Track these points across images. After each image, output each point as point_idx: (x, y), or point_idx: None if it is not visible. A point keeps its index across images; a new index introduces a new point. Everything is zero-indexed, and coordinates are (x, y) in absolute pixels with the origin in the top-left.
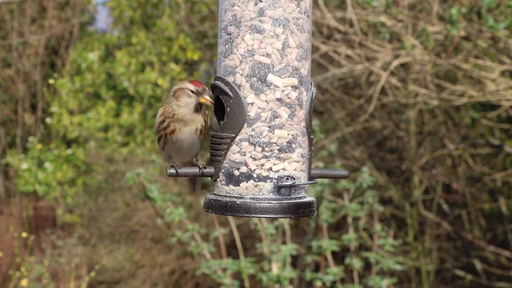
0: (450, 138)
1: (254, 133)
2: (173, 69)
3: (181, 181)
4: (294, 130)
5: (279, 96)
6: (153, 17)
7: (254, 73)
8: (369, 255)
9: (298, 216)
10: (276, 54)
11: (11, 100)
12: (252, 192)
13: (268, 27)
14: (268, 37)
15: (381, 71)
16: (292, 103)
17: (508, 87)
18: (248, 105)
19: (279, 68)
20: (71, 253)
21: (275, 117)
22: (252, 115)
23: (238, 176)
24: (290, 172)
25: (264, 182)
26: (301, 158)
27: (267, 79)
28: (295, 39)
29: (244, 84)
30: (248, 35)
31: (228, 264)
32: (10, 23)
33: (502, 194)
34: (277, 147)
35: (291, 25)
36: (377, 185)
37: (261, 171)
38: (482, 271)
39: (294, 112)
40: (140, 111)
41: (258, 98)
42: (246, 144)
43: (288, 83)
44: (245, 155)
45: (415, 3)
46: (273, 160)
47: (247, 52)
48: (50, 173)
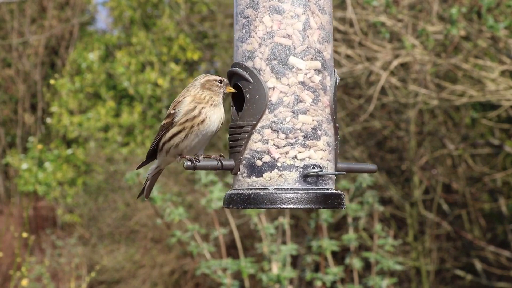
0: (450, 138)
1: (276, 119)
2: (173, 69)
3: (181, 181)
4: (319, 116)
5: (302, 79)
6: (153, 17)
7: (275, 56)
8: (369, 255)
9: (327, 208)
10: (297, 35)
11: (11, 100)
12: (276, 182)
13: (287, 7)
14: (288, 18)
15: (381, 71)
16: (316, 87)
17: (508, 87)
18: (269, 90)
19: (301, 50)
20: (71, 253)
21: (299, 102)
22: (273, 100)
23: (261, 166)
24: (316, 161)
25: (289, 171)
26: (328, 147)
27: (288, 61)
28: (316, 20)
29: (264, 68)
30: (267, 16)
31: (228, 264)
32: (10, 23)
33: (502, 194)
34: (301, 133)
35: (312, 5)
36: (377, 185)
37: (285, 160)
38: (482, 271)
39: (318, 97)
40: (140, 111)
41: (279, 82)
42: (268, 131)
43: (311, 66)
44: (267, 143)
45: (415, 3)
46: (298, 148)
47: (266, 34)
48: (50, 173)
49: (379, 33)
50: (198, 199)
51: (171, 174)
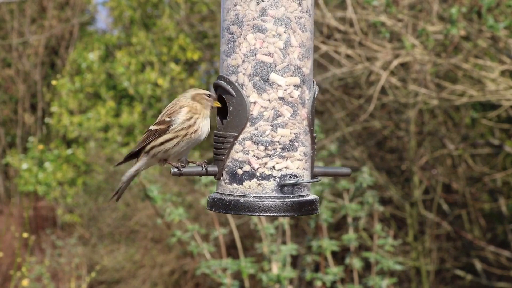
0: (450, 138)
1: (257, 132)
2: (173, 69)
3: (181, 181)
4: (297, 128)
5: (282, 95)
6: (153, 17)
7: (257, 72)
8: (369, 255)
9: (301, 215)
10: (278, 53)
11: (11, 100)
12: (255, 191)
13: (270, 26)
14: (270, 36)
15: (381, 71)
16: (295, 102)
17: (508, 87)
18: (251, 104)
19: (282, 67)
20: (71, 253)
21: (278, 116)
22: (255, 114)
23: (241, 175)
24: (293, 170)
25: (267, 180)
26: (304, 156)
27: (269, 78)
28: (297, 38)
29: (247, 83)
30: (251, 34)
31: (228, 264)
32: (10, 23)
33: (502, 194)
34: (280, 145)
35: (293, 24)
36: (377, 185)
37: (264, 170)
38: (482, 271)
39: (297, 110)
40: (140, 111)
41: (260, 97)
42: (249, 143)
43: (291, 82)
44: (248, 154)
45: (415, 2)
46: (276, 159)
47: (249, 51)
48: (50, 173)
49: (379, 33)
50: (198, 199)
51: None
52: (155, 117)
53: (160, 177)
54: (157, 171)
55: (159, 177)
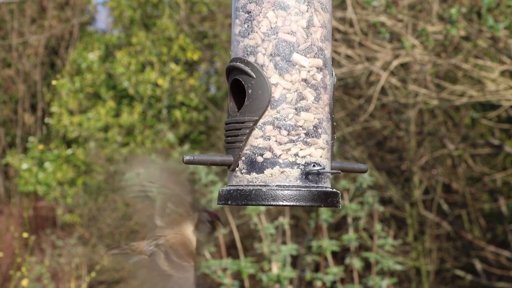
0: (450, 138)
1: (279, 116)
2: (173, 69)
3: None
4: (320, 114)
5: (305, 76)
6: (153, 17)
7: (278, 52)
8: (369, 255)
9: (327, 206)
10: (301, 32)
11: (11, 100)
12: (278, 179)
13: (292, 4)
14: (293, 14)
15: (381, 71)
16: (318, 85)
17: (508, 87)
18: (272, 86)
19: (305, 47)
20: (71, 253)
21: (301, 99)
22: (276, 96)
23: (261, 163)
24: (316, 158)
25: (291, 168)
26: (326, 145)
27: (292, 58)
28: (319, 18)
29: (268, 64)
30: (271, 12)
31: (228, 264)
32: (10, 23)
33: (502, 194)
34: (303, 130)
35: (315, 3)
36: (377, 185)
37: (287, 157)
38: (482, 271)
39: (320, 95)
40: (140, 111)
41: (283, 78)
42: (270, 127)
43: (314, 64)
44: (269, 139)
45: (415, 3)
46: (300, 145)
47: (270, 30)
48: (50, 173)
49: (379, 33)
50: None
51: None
52: (155, 117)
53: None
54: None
55: None
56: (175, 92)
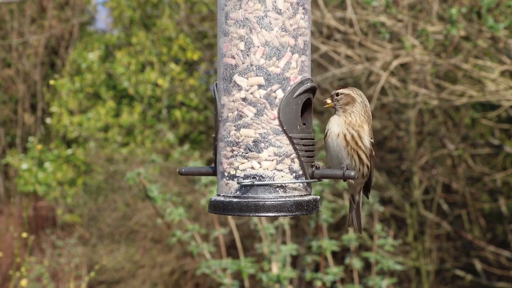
0: (450, 138)
1: (225, 133)
2: (173, 69)
3: (181, 181)
4: (262, 129)
5: (244, 95)
6: (153, 17)
7: (225, 75)
8: (369, 255)
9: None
10: (239, 54)
11: (11, 100)
12: (224, 190)
13: (232, 29)
14: (233, 39)
15: (381, 71)
16: (258, 101)
17: (508, 87)
18: (222, 106)
19: (243, 68)
20: (71, 253)
21: (241, 117)
22: (224, 116)
23: (219, 175)
24: (258, 171)
25: (232, 180)
26: (275, 157)
27: (232, 79)
28: (259, 37)
29: (220, 87)
30: (221, 39)
31: (228, 264)
32: (10, 23)
33: (502, 194)
34: (243, 146)
35: (254, 25)
36: (377, 185)
37: (230, 170)
38: (482, 271)
39: (263, 110)
40: (140, 111)
41: (227, 99)
42: (222, 144)
43: (253, 82)
44: (221, 154)
45: (415, 3)
46: (240, 159)
47: (220, 55)
48: (50, 173)
49: (379, 33)
50: (198, 199)
51: (171, 174)
52: (155, 117)
53: (160, 177)
54: (157, 171)
55: (159, 177)
56: (175, 92)
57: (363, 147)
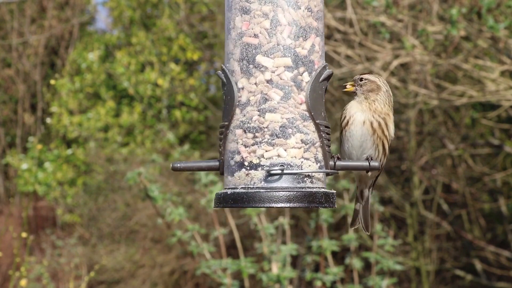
0: (450, 138)
1: (245, 119)
2: (173, 69)
3: (181, 181)
4: (290, 113)
5: (269, 77)
6: (153, 17)
7: (243, 56)
8: (369, 255)
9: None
10: (263, 33)
11: (11, 100)
12: (244, 182)
13: (255, 7)
14: (255, 17)
15: (381, 71)
16: (286, 84)
17: (508, 87)
18: (239, 90)
19: (268, 48)
20: (71, 253)
21: (266, 100)
22: (243, 100)
23: (233, 166)
24: (286, 159)
25: (255, 170)
26: (303, 144)
27: (255, 60)
28: (286, 16)
29: (236, 69)
30: (238, 17)
31: (228, 264)
32: (10, 23)
33: (502, 194)
34: (268, 131)
35: (280, 2)
36: (377, 185)
37: (252, 159)
38: (482, 271)
39: (290, 94)
40: (140, 111)
41: (247, 81)
42: (239, 131)
43: (280, 63)
44: (238, 142)
45: (415, 3)
46: (265, 146)
47: (237, 35)
48: (50, 173)
49: (379, 33)
50: (198, 199)
51: (171, 174)
52: (155, 117)
53: (160, 177)
54: (157, 171)
55: (159, 177)
56: (175, 92)
57: (388, 136)
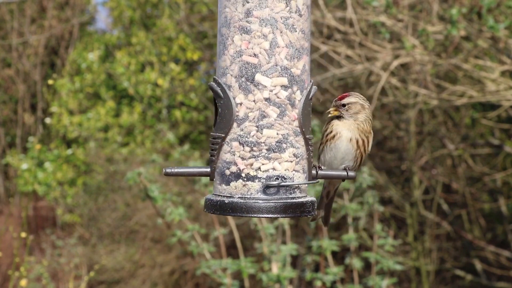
0: (450, 138)
1: (242, 133)
2: (173, 69)
3: (181, 181)
4: (285, 129)
5: (267, 95)
6: (153, 17)
7: (242, 74)
8: (369, 255)
9: (287, 216)
10: (263, 54)
11: (11, 100)
12: (241, 192)
13: (255, 28)
14: (255, 37)
15: (381, 71)
16: (282, 102)
17: (508, 87)
18: (237, 105)
19: (267, 68)
20: (71, 253)
21: (263, 117)
22: (241, 115)
23: (228, 176)
24: (280, 172)
25: (252, 181)
26: (294, 158)
27: (255, 79)
28: (284, 38)
29: (234, 85)
30: (237, 35)
31: (228, 264)
32: (10, 23)
33: (502, 194)
34: (265, 146)
35: (279, 25)
36: (377, 185)
37: (249, 171)
38: (482, 271)
39: (285, 111)
40: (140, 111)
41: (246, 98)
42: (236, 144)
43: (277, 83)
44: (234, 154)
45: (415, 3)
46: (262, 160)
47: (235, 52)
48: (50, 173)
49: (379, 33)
50: (198, 199)
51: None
52: (155, 117)
53: (160, 177)
54: (157, 171)
55: (159, 177)
56: (175, 92)
57: (367, 151)
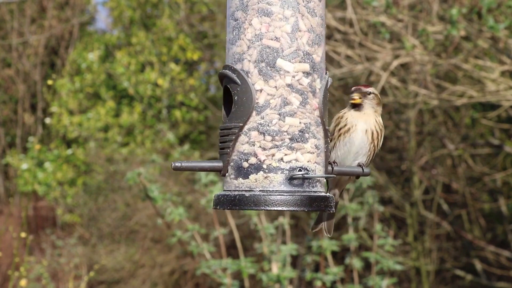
0: (450, 138)
1: (263, 121)
2: (173, 69)
3: (181, 181)
4: (307, 118)
5: (290, 81)
6: (153, 17)
7: (263, 58)
8: (369, 255)
9: (312, 210)
10: (285, 37)
11: (11, 100)
12: (262, 184)
13: (276, 10)
14: (276, 20)
15: (381, 71)
16: (304, 89)
17: (508, 87)
18: (257, 92)
19: (289, 52)
20: (71, 253)
21: (286, 104)
22: (261, 102)
23: (247, 168)
24: (303, 163)
25: (275, 173)
26: (316, 149)
27: (276, 64)
28: (305, 22)
29: (252, 70)
30: (256, 18)
31: (228, 264)
32: (10, 23)
33: (502, 194)
34: (288, 136)
35: (301, 8)
36: (377, 185)
37: (271, 162)
38: (482, 271)
39: (307, 99)
40: (140, 111)
41: (267, 84)
42: (255, 133)
43: (299, 68)
44: (254, 145)
45: (415, 3)
46: (284, 150)
47: (254, 36)
48: (50, 173)
49: (379, 33)
50: (198, 199)
51: (171, 174)
52: (155, 117)
53: (160, 177)
54: (157, 171)
55: (159, 177)
56: (175, 92)
57: (379, 146)
